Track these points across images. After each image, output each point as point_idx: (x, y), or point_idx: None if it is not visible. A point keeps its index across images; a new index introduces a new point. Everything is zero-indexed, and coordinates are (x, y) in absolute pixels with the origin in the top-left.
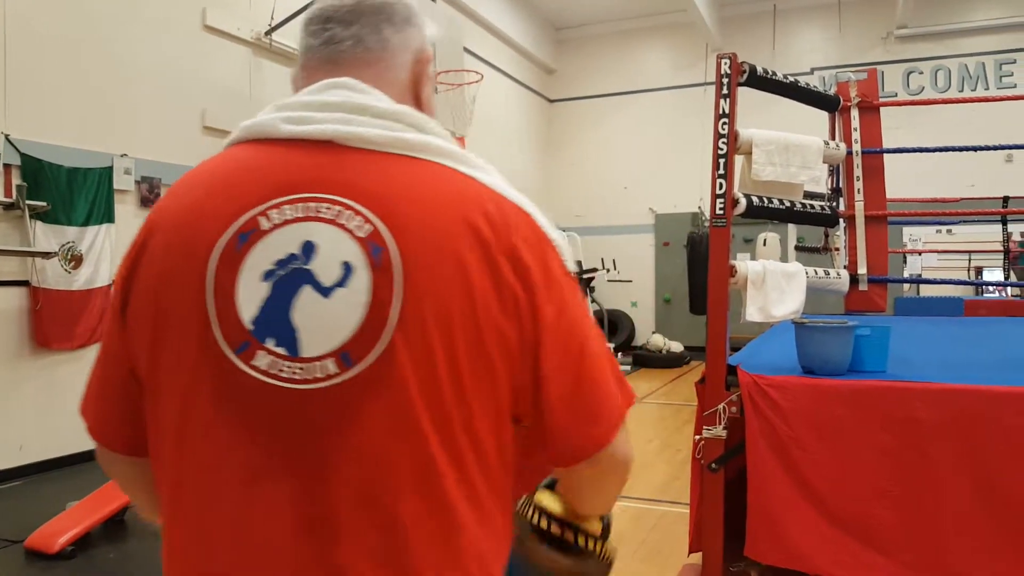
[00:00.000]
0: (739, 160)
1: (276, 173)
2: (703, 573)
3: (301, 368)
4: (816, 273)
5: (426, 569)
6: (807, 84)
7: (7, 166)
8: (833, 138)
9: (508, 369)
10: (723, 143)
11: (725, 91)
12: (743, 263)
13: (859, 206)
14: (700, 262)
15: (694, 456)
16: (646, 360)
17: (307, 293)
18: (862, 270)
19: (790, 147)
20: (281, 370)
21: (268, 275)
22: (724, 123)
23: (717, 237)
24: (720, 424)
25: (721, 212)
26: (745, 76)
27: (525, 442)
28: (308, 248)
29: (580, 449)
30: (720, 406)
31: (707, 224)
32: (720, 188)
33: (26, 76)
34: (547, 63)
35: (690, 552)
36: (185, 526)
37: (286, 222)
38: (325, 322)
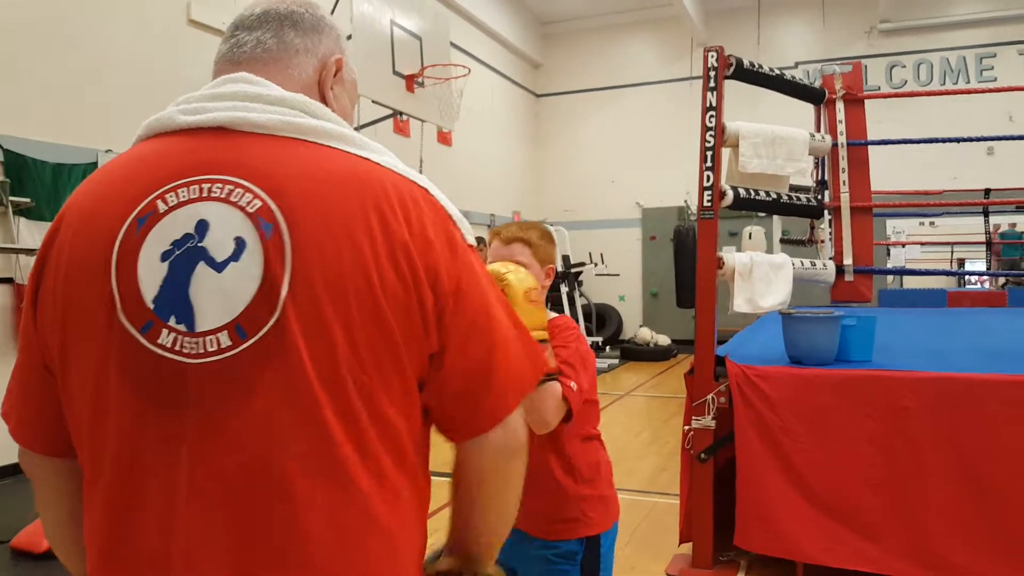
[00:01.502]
0: (726, 153)
1: (172, 160)
2: (693, 562)
3: (199, 342)
4: (803, 264)
5: (318, 542)
6: (792, 76)
7: None
8: (819, 130)
9: (411, 341)
10: (710, 136)
11: (712, 84)
12: (731, 254)
13: (845, 197)
14: (686, 256)
15: (683, 446)
16: (634, 353)
17: (202, 270)
18: (848, 261)
19: (776, 139)
20: (183, 346)
21: (166, 255)
22: (711, 116)
23: (705, 229)
24: (709, 414)
25: (709, 204)
26: (732, 69)
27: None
28: (202, 227)
29: (478, 419)
30: (709, 396)
31: (693, 218)
32: (708, 180)
33: (7, 71)
34: (533, 57)
35: (680, 542)
36: (101, 504)
37: (180, 204)
38: (220, 296)
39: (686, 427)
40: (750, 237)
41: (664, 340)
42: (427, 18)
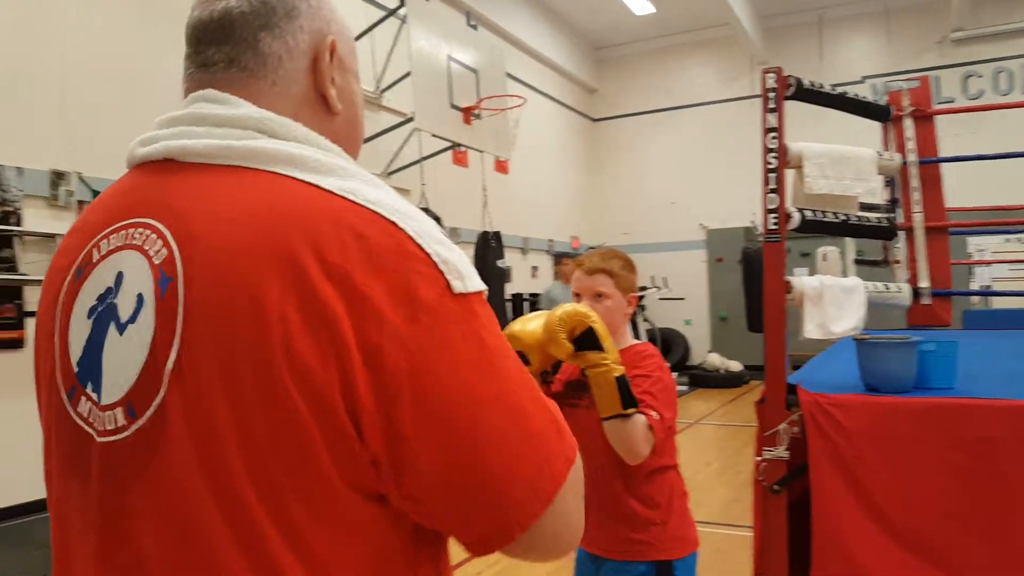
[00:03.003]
0: (791, 174)
1: (117, 201)
2: None
3: (102, 417)
4: (876, 287)
5: None
6: (855, 95)
7: (81, 203)
8: (887, 148)
9: (336, 441)
10: (772, 157)
11: (772, 105)
12: (799, 279)
13: (917, 217)
14: (755, 278)
15: (755, 478)
16: (703, 380)
17: (112, 331)
18: (924, 283)
19: (842, 159)
20: (94, 419)
21: (91, 311)
22: (772, 137)
23: (771, 253)
24: (781, 445)
25: (774, 227)
26: (792, 89)
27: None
28: (119, 279)
29: (477, 543)
30: (781, 426)
31: (761, 238)
32: (772, 203)
33: (94, 112)
34: (589, 83)
35: (754, 575)
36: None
37: (109, 252)
38: (118, 366)
39: (757, 458)
40: (824, 258)
41: (735, 366)
42: (483, 51)
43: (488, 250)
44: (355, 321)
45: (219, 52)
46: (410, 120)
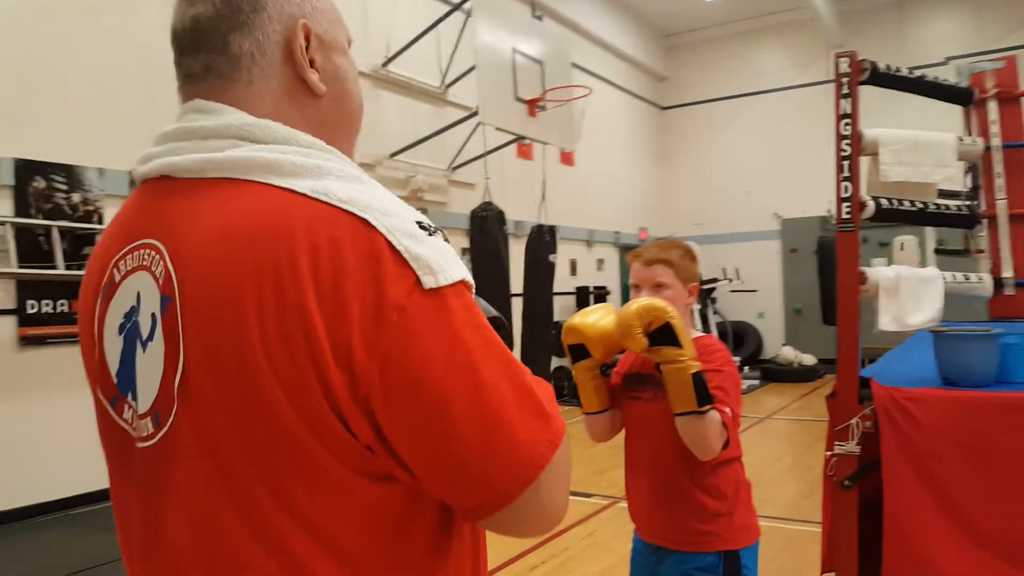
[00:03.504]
0: (865, 162)
1: (127, 220)
2: None
3: (140, 425)
4: (955, 278)
5: None
6: (936, 77)
7: None
8: (969, 133)
9: (327, 435)
10: (846, 145)
11: (845, 91)
12: (874, 269)
13: (1001, 205)
14: (831, 269)
15: (825, 473)
16: (776, 374)
17: (138, 348)
18: (1007, 273)
19: (920, 145)
20: (135, 426)
21: (121, 328)
22: (846, 124)
23: (844, 243)
24: (853, 440)
25: (848, 216)
26: (866, 74)
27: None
28: (138, 299)
29: (467, 513)
30: (853, 421)
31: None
32: (845, 192)
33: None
34: (658, 71)
35: (822, 573)
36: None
37: (127, 273)
38: (145, 380)
39: (828, 453)
40: (902, 248)
41: (809, 360)
42: (548, 42)
43: (541, 244)
44: (328, 325)
45: (196, 61)
46: (474, 114)
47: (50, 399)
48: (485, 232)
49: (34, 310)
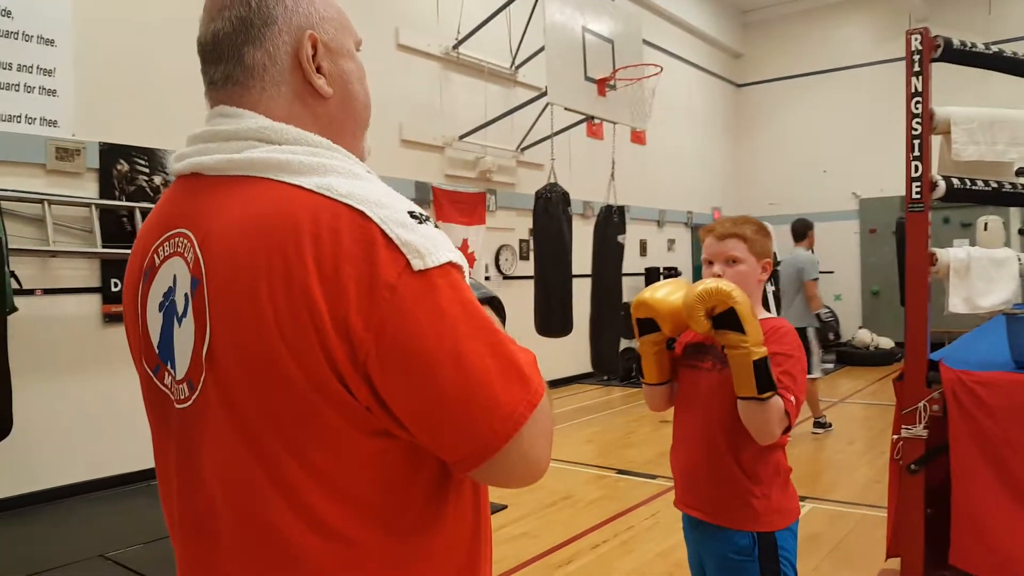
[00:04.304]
0: (937, 141)
1: (164, 211)
2: None
3: (178, 389)
4: None
5: None
6: (1013, 53)
7: None
8: None
9: (334, 400)
10: (916, 123)
11: (916, 68)
12: (945, 250)
13: None
14: None
15: (892, 457)
16: (851, 357)
17: (175, 324)
18: None
19: (996, 123)
20: (173, 390)
21: (161, 306)
22: (917, 102)
23: (914, 223)
24: (920, 423)
25: (918, 196)
26: (939, 51)
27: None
28: (174, 281)
29: (456, 464)
30: (920, 404)
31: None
32: (915, 171)
33: None
34: (733, 48)
35: (887, 557)
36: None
37: (165, 258)
38: (181, 351)
39: (894, 436)
40: (985, 228)
41: (886, 343)
42: (619, 20)
43: (609, 225)
44: (329, 303)
45: (217, 71)
46: (543, 95)
47: (132, 374)
48: (549, 213)
49: (117, 288)
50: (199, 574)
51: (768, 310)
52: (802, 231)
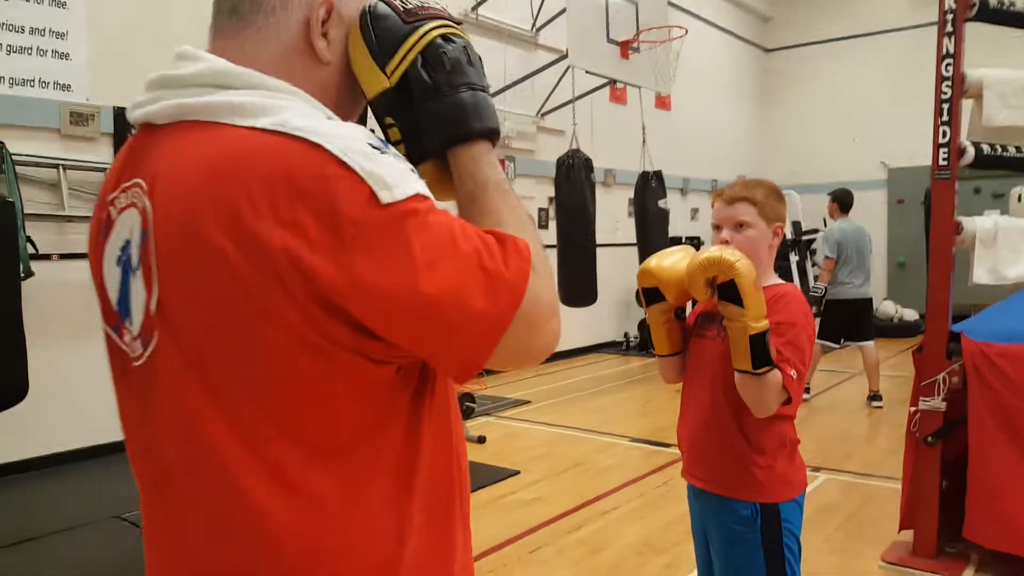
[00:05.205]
0: (968, 106)
1: (121, 163)
2: (914, 551)
3: (133, 345)
4: None
5: (203, 548)
6: None
7: None
8: None
9: (304, 342)
10: (947, 87)
11: (949, 28)
12: (972, 219)
13: None
14: None
15: (908, 429)
16: (875, 329)
17: (130, 277)
18: None
19: None
20: (131, 347)
21: (118, 261)
22: (948, 64)
23: (940, 190)
24: (939, 395)
25: (945, 163)
26: (974, 10)
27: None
28: (131, 234)
29: (463, 371)
30: (939, 376)
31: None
32: (943, 137)
33: None
34: (762, 11)
35: (900, 529)
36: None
37: (121, 210)
38: (135, 306)
39: (912, 408)
40: (1020, 200)
41: (911, 315)
42: None
43: (648, 191)
44: (287, 245)
45: (227, 1)
46: (564, 57)
47: None
48: (571, 180)
49: None
50: (161, 537)
51: (792, 280)
52: (850, 202)
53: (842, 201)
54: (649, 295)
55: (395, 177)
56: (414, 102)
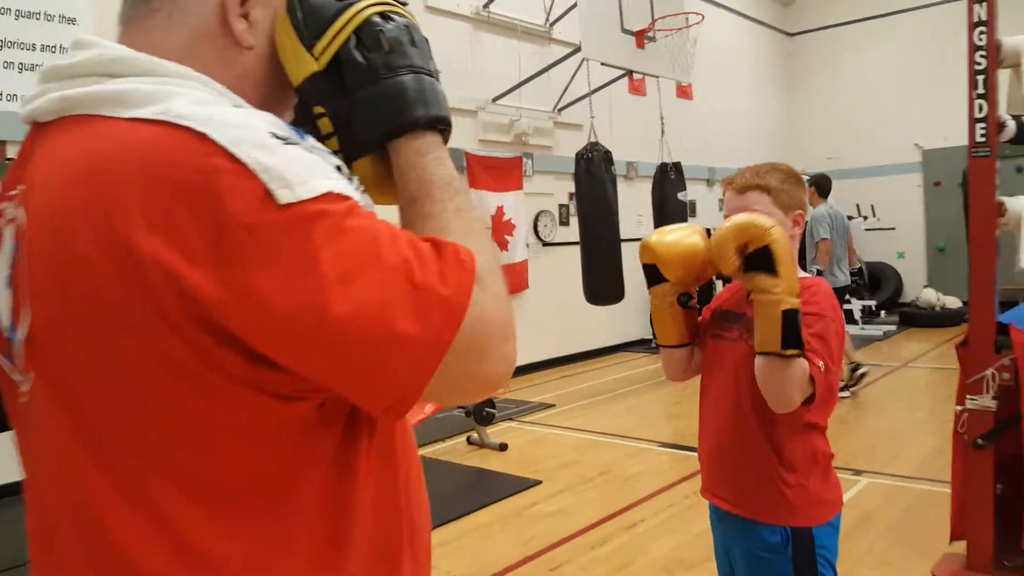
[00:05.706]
0: (1005, 76)
1: (10, 170)
2: (968, 564)
3: (21, 378)
4: None
5: None
6: None
7: None
8: None
9: (184, 375)
10: (980, 57)
11: None
12: (1016, 199)
13: None
14: None
15: (956, 430)
16: (915, 319)
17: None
18: None
19: None
20: (20, 380)
21: (8, 281)
22: (980, 33)
23: (979, 169)
24: (988, 393)
25: (983, 139)
26: None
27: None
28: (14, 249)
29: (388, 411)
30: (988, 372)
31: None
32: (979, 111)
33: None
34: None
35: (952, 539)
36: None
37: (8, 223)
38: (20, 336)
39: (958, 407)
40: None
41: (953, 303)
42: None
43: (667, 183)
44: (164, 258)
45: None
46: (578, 50)
47: None
48: (591, 174)
49: None
50: None
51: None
52: (829, 187)
53: (820, 186)
54: (650, 273)
55: (299, 172)
56: (347, 88)
